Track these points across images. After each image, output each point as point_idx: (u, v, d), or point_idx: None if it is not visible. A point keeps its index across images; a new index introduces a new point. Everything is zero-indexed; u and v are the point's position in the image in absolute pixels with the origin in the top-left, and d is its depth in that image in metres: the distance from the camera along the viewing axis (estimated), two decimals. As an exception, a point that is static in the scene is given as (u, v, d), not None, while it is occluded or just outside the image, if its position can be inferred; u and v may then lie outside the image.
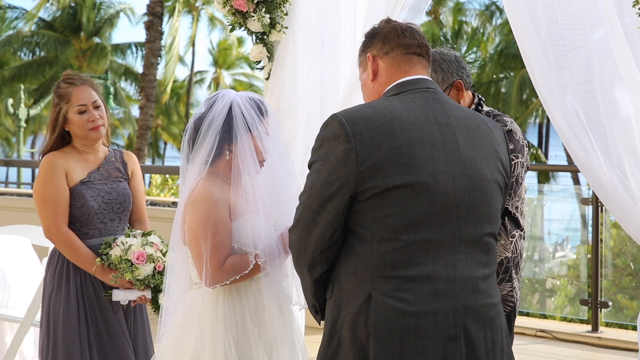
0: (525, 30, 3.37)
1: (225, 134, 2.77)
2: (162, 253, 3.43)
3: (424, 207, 2.23)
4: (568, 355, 5.66)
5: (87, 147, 3.57)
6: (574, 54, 3.30)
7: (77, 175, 3.51)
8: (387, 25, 2.47)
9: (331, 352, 2.31)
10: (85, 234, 3.50)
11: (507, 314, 3.24)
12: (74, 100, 3.49)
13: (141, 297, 3.43)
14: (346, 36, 4.12)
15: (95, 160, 3.59)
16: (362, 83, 2.52)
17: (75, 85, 3.52)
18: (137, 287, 3.39)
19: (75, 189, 3.49)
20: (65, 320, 3.45)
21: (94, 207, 3.49)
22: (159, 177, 12.61)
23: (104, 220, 3.53)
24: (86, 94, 3.51)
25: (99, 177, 3.56)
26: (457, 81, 3.23)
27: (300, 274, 2.40)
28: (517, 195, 3.22)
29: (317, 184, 2.27)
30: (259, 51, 4.10)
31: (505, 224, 3.22)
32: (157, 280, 3.38)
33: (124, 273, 3.36)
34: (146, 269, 3.37)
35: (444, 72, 3.21)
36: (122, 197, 3.58)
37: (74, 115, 3.50)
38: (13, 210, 7.94)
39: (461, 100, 3.27)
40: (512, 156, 3.19)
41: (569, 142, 3.30)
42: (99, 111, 3.53)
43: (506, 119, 3.28)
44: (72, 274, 3.49)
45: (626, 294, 7.06)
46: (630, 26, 3.18)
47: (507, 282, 3.23)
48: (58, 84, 3.56)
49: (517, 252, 3.27)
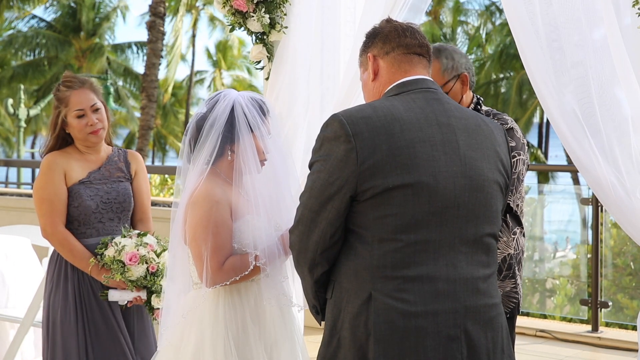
0: (524, 31, 3.37)
1: (228, 134, 2.77)
2: (156, 254, 3.43)
3: (424, 208, 2.23)
4: (568, 355, 5.66)
5: (87, 148, 3.58)
6: (573, 55, 3.30)
7: (77, 175, 3.52)
8: (387, 25, 2.47)
9: (330, 352, 2.31)
10: (83, 233, 3.51)
11: (511, 310, 3.25)
12: (72, 105, 3.50)
13: (137, 298, 3.43)
14: (346, 36, 4.12)
15: (96, 160, 3.60)
16: (363, 83, 2.52)
17: (73, 88, 3.52)
18: (129, 288, 3.40)
19: (73, 188, 3.50)
20: (63, 320, 3.47)
21: (91, 207, 3.49)
22: (158, 177, 12.60)
23: (102, 220, 3.53)
24: (84, 98, 3.51)
25: (99, 176, 3.56)
26: (464, 74, 3.26)
27: (301, 275, 2.40)
28: (518, 193, 3.24)
29: (318, 184, 2.27)
30: (259, 51, 4.11)
31: (507, 221, 3.23)
32: (150, 281, 3.38)
33: (115, 274, 3.36)
34: (138, 270, 3.37)
35: (454, 61, 3.26)
36: (122, 197, 3.58)
37: (72, 119, 3.51)
38: (13, 210, 7.94)
39: (464, 95, 3.30)
40: (514, 153, 3.21)
41: (568, 143, 3.30)
42: (97, 114, 3.53)
43: (506, 117, 3.30)
44: (70, 274, 3.50)
45: (626, 293, 7.06)
46: (629, 27, 3.18)
47: (510, 279, 3.25)
48: (58, 87, 3.57)
49: (519, 249, 3.28)
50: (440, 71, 3.24)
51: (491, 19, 31.81)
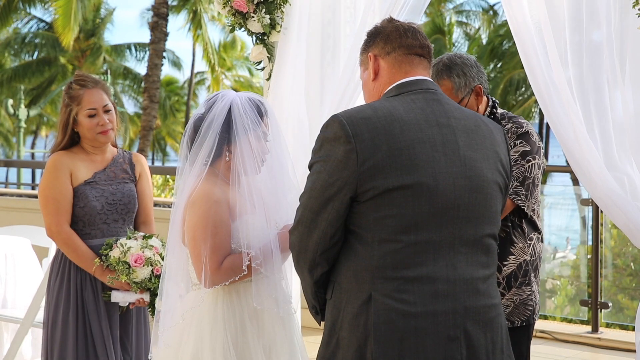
0: (524, 30, 3.37)
1: (225, 134, 2.77)
2: (161, 257, 3.42)
3: (424, 208, 2.23)
4: (568, 356, 5.66)
5: (94, 148, 3.58)
6: (573, 54, 3.30)
7: (82, 175, 3.52)
8: (389, 24, 2.46)
9: (329, 353, 2.31)
10: (88, 234, 3.51)
11: (527, 318, 3.21)
12: (84, 104, 3.50)
13: (139, 300, 3.43)
14: (346, 36, 4.12)
15: (102, 161, 3.60)
16: (363, 82, 2.52)
17: (87, 87, 3.53)
18: (133, 289, 3.39)
19: (78, 188, 3.50)
20: (62, 320, 3.47)
21: (96, 208, 3.50)
22: (160, 177, 12.61)
23: (107, 221, 3.53)
24: (97, 98, 3.52)
25: (105, 177, 3.57)
26: (477, 86, 3.20)
27: (301, 275, 2.40)
28: (533, 197, 3.19)
29: (318, 184, 2.27)
30: (259, 52, 4.11)
31: (523, 226, 3.20)
32: (154, 283, 3.38)
33: (120, 275, 3.36)
34: (143, 272, 3.37)
35: (466, 77, 3.18)
36: (126, 198, 3.58)
37: (83, 119, 3.51)
38: (13, 210, 7.94)
39: (480, 105, 3.23)
40: (529, 157, 3.16)
41: (566, 143, 3.30)
42: (108, 115, 3.54)
43: (521, 121, 3.25)
44: (72, 274, 3.50)
45: (626, 294, 7.06)
46: (630, 26, 3.18)
47: (526, 286, 3.21)
48: (70, 84, 3.57)
49: (536, 255, 3.24)
50: (453, 90, 3.16)
51: (491, 20, 31.79)
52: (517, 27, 3.41)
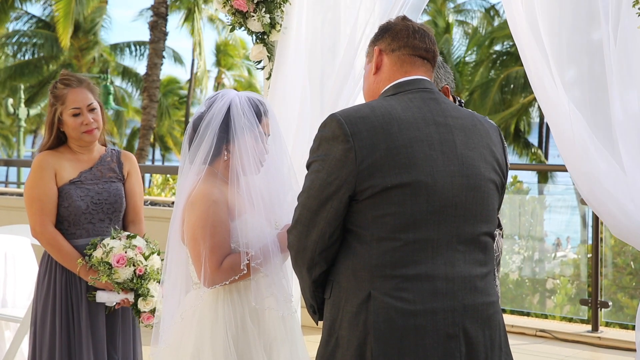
0: (523, 30, 3.37)
1: (223, 134, 2.77)
2: (144, 257, 3.41)
3: (423, 207, 2.24)
4: (568, 355, 5.66)
5: (81, 147, 3.57)
6: (573, 54, 3.30)
7: (67, 175, 3.51)
8: (401, 22, 2.48)
9: (329, 352, 2.31)
10: (73, 233, 3.50)
11: None
12: (68, 103, 3.49)
13: (124, 300, 3.42)
14: (346, 36, 4.12)
15: (88, 160, 3.58)
16: (365, 73, 2.53)
17: (71, 87, 3.51)
18: (115, 290, 3.39)
19: (63, 188, 3.49)
20: (50, 319, 3.46)
21: (81, 207, 3.48)
22: (160, 176, 12.62)
23: (92, 221, 3.51)
24: (81, 97, 3.51)
25: (91, 177, 3.55)
26: (444, 87, 3.20)
27: (299, 274, 2.40)
28: None
29: (316, 184, 2.27)
30: (259, 51, 4.11)
31: None
32: (137, 284, 3.38)
33: (101, 276, 3.36)
34: (125, 273, 3.36)
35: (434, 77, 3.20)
36: (113, 197, 3.56)
37: (68, 118, 3.50)
38: (13, 210, 7.94)
39: None
40: None
41: (564, 144, 3.30)
42: (93, 114, 3.52)
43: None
44: (58, 275, 3.48)
45: (626, 293, 7.05)
46: (629, 26, 3.18)
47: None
48: (55, 84, 3.56)
49: (499, 251, 3.30)
50: None
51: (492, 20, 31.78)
52: (517, 27, 3.41)
